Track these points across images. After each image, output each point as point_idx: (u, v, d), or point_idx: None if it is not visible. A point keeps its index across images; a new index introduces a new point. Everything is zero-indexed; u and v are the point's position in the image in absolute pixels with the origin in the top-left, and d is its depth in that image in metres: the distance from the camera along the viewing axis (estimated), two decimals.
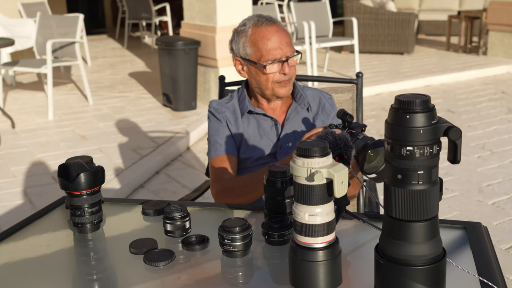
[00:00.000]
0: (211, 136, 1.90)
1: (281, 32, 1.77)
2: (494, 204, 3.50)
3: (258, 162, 1.87)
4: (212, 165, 1.86)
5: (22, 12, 7.51)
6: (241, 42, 1.81)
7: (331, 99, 1.94)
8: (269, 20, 1.79)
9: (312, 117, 1.90)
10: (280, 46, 1.76)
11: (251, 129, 1.87)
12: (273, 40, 1.76)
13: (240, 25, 1.85)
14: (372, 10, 8.77)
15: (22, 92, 6.51)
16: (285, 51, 1.76)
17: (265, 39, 1.76)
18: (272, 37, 1.76)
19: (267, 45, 1.76)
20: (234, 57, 1.86)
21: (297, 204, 1.06)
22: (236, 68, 1.87)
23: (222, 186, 1.79)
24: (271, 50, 1.75)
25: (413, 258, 0.99)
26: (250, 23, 1.80)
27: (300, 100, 1.88)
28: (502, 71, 7.75)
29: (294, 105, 1.88)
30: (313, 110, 1.90)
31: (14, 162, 4.21)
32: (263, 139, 1.87)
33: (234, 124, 1.88)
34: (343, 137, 1.41)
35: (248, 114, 1.88)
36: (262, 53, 1.76)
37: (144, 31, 10.94)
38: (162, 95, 5.81)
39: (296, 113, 1.88)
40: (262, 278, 1.23)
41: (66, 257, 1.36)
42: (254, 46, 1.78)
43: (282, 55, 1.76)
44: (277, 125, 1.87)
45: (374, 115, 5.63)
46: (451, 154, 0.95)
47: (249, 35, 1.79)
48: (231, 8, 5.42)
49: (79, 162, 1.35)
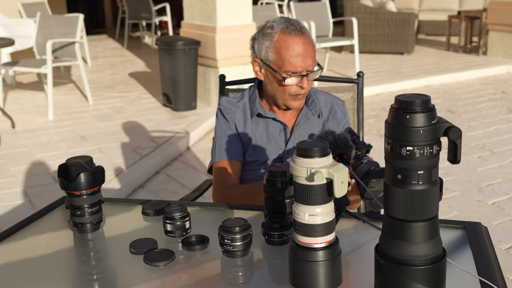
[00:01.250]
0: (217, 138, 1.87)
1: (307, 45, 1.70)
2: (494, 204, 3.50)
3: (264, 166, 1.85)
4: (215, 169, 1.84)
5: (22, 12, 7.52)
6: (265, 45, 1.74)
7: (343, 106, 1.91)
8: (298, 29, 1.71)
9: (322, 123, 1.87)
10: (304, 60, 1.69)
11: (259, 132, 1.85)
12: (298, 53, 1.69)
13: (266, 26, 1.76)
14: (372, 10, 8.78)
15: (22, 92, 6.51)
16: (307, 65, 1.70)
17: (290, 49, 1.69)
18: (298, 49, 1.69)
19: (291, 56, 1.69)
20: (254, 57, 1.80)
21: (297, 204, 1.06)
22: (254, 68, 1.81)
23: (223, 195, 1.78)
24: (294, 62, 1.69)
25: (413, 258, 0.99)
26: (278, 27, 1.72)
27: (312, 106, 1.85)
28: (502, 71, 7.75)
29: (305, 111, 1.85)
30: (323, 116, 1.87)
31: (14, 162, 4.21)
32: (270, 143, 1.84)
33: (242, 125, 1.85)
34: (343, 137, 1.41)
35: (257, 117, 1.85)
36: (284, 63, 1.70)
37: (144, 31, 10.94)
38: (162, 95, 5.81)
39: (307, 119, 1.85)
40: (262, 278, 1.23)
41: (66, 257, 1.36)
42: (278, 54, 1.71)
43: (304, 69, 1.70)
44: (286, 130, 1.85)
45: (374, 115, 5.63)
46: (451, 154, 0.95)
47: (275, 41, 1.71)
48: (231, 8, 5.42)
49: (79, 162, 1.35)
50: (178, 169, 4.24)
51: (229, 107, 1.87)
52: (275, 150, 1.84)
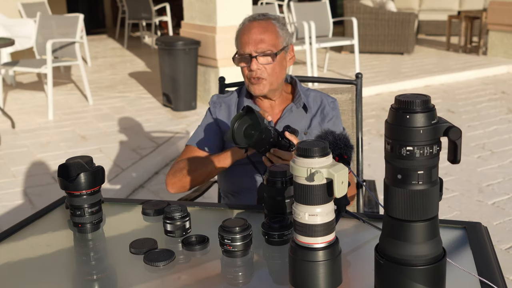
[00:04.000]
0: (200, 125, 1.97)
1: (258, 28, 1.79)
2: (494, 204, 3.50)
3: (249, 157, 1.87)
4: (185, 150, 1.93)
5: (22, 12, 7.51)
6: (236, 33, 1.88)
7: (333, 103, 1.94)
8: (256, 17, 1.82)
9: (310, 118, 1.90)
10: (250, 42, 1.78)
11: None
12: (246, 35, 1.79)
13: None
14: (372, 10, 8.77)
15: (22, 92, 6.51)
16: (255, 47, 1.78)
17: (241, 34, 1.82)
18: (247, 33, 1.79)
19: (240, 39, 1.82)
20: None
21: (297, 204, 1.06)
22: None
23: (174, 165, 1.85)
24: (241, 45, 1.81)
25: (413, 258, 0.99)
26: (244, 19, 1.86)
27: (297, 100, 1.89)
28: (502, 71, 7.75)
29: (291, 105, 1.89)
30: (312, 111, 1.90)
31: (14, 162, 4.21)
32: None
33: (227, 119, 1.92)
34: (343, 137, 1.41)
35: None
36: (237, 47, 1.84)
37: (144, 31, 10.94)
38: (162, 95, 5.81)
39: (290, 112, 1.89)
40: (262, 278, 1.23)
41: (66, 257, 1.36)
42: (236, 40, 1.85)
43: (251, 50, 1.79)
44: (270, 123, 1.88)
45: (374, 115, 5.63)
46: (451, 154, 0.95)
47: (238, 29, 1.86)
48: (231, 8, 5.42)
49: (79, 162, 1.35)
50: None
51: (216, 101, 1.97)
52: None
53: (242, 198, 1.88)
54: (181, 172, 1.80)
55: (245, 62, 1.81)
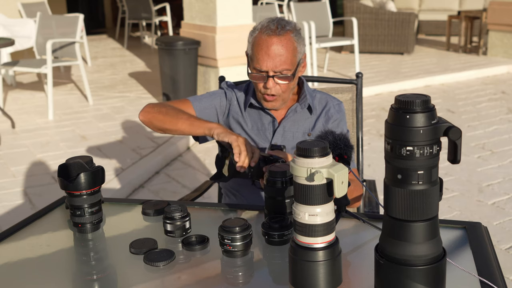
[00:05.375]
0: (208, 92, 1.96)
1: (279, 47, 1.73)
2: (494, 204, 3.50)
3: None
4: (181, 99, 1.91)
5: (22, 12, 7.51)
6: (249, 40, 1.82)
7: (339, 105, 1.93)
8: (276, 30, 1.75)
9: (315, 119, 1.90)
10: (270, 61, 1.73)
11: (250, 121, 1.90)
12: (266, 52, 1.73)
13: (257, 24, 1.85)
14: (372, 10, 8.77)
15: (22, 92, 6.51)
16: (274, 66, 1.73)
17: (260, 47, 1.74)
18: (266, 49, 1.73)
19: (259, 54, 1.75)
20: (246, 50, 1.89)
21: (297, 204, 1.06)
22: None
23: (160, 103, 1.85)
24: (260, 60, 1.74)
25: (413, 258, 0.99)
26: (260, 25, 1.80)
27: (302, 101, 1.88)
28: (502, 71, 7.75)
29: (295, 105, 1.89)
30: (316, 113, 1.90)
31: (14, 162, 4.21)
32: (260, 133, 1.89)
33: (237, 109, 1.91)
34: (343, 137, 1.41)
35: (249, 108, 1.91)
36: (253, 59, 1.78)
37: (144, 31, 10.94)
38: (162, 95, 5.81)
39: (295, 112, 1.88)
40: (262, 278, 1.23)
41: (66, 257, 1.36)
42: (252, 50, 1.79)
43: (269, 69, 1.74)
44: (274, 122, 1.89)
45: (374, 115, 5.63)
46: (451, 154, 0.95)
47: (254, 37, 1.79)
48: (231, 8, 5.42)
49: (79, 162, 1.35)
50: (178, 169, 4.24)
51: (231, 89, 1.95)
52: (262, 141, 1.89)
53: (243, 197, 1.89)
54: (159, 109, 1.78)
55: (261, 79, 1.77)
